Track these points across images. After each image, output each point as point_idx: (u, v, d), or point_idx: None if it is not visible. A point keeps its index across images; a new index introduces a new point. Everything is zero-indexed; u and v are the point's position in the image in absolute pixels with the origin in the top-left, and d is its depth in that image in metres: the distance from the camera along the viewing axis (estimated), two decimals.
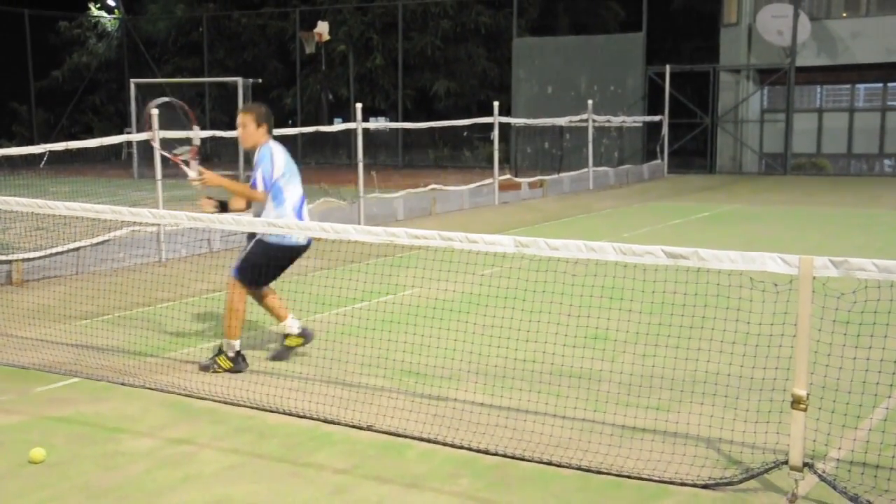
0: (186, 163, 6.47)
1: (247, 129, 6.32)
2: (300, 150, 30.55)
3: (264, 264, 6.25)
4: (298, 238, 6.22)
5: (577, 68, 27.38)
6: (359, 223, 13.21)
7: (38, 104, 33.12)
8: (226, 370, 6.21)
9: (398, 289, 8.52)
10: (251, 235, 6.29)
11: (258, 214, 6.32)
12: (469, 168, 26.54)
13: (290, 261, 6.43)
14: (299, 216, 6.37)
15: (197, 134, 6.67)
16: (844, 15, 27.22)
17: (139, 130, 7.07)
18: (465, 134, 28.88)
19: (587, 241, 4.62)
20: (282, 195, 6.30)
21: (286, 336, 6.57)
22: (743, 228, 14.14)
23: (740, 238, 12.82)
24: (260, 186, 6.23)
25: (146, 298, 8.56)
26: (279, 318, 6.59)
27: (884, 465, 4.43)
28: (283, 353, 6.60)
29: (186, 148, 6.52)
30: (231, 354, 6.24)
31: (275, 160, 6.25)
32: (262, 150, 6.31)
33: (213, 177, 6.42)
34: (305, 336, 6.59)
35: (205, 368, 6.26)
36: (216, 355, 6.31)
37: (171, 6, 35.51)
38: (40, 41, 32.72)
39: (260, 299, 6.57)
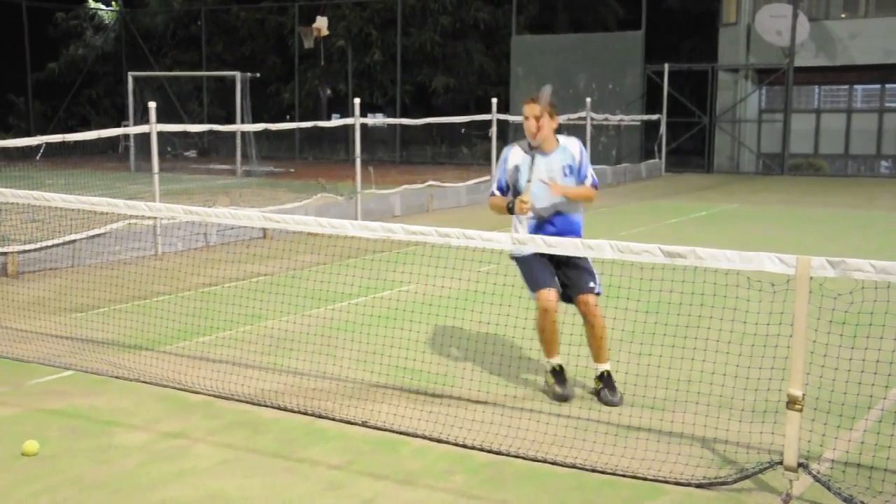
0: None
1: (541, 121, 5.52)
2: (298, 145, 30.51)
3: None
4: None
5: (576, 66, 27.34)
6: (356, 219, 13.19)
7: (35, 96, 33.06)
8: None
9: (395, 285, 8.51)
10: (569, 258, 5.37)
11: (570, 224, 5.58)
12: (467, 165, 26.51)
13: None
14: None
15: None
16: (843, 16, 27.23)
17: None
18: (462, 131, 28.84)
19: (584, 238, 4.61)
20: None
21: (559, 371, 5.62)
22: (740, 228, 14.14)
23: (737, 237, 12.82)
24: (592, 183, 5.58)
25: (142, 292, 8.54)
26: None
27: (878, 466, 4.42)
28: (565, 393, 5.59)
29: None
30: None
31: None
32: (573, 145, 5.67)
33: (557, 187, 5.51)
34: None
35: (611, 404, 5.41)
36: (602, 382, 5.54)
37: None
38: (38, 33, 32.64)
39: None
